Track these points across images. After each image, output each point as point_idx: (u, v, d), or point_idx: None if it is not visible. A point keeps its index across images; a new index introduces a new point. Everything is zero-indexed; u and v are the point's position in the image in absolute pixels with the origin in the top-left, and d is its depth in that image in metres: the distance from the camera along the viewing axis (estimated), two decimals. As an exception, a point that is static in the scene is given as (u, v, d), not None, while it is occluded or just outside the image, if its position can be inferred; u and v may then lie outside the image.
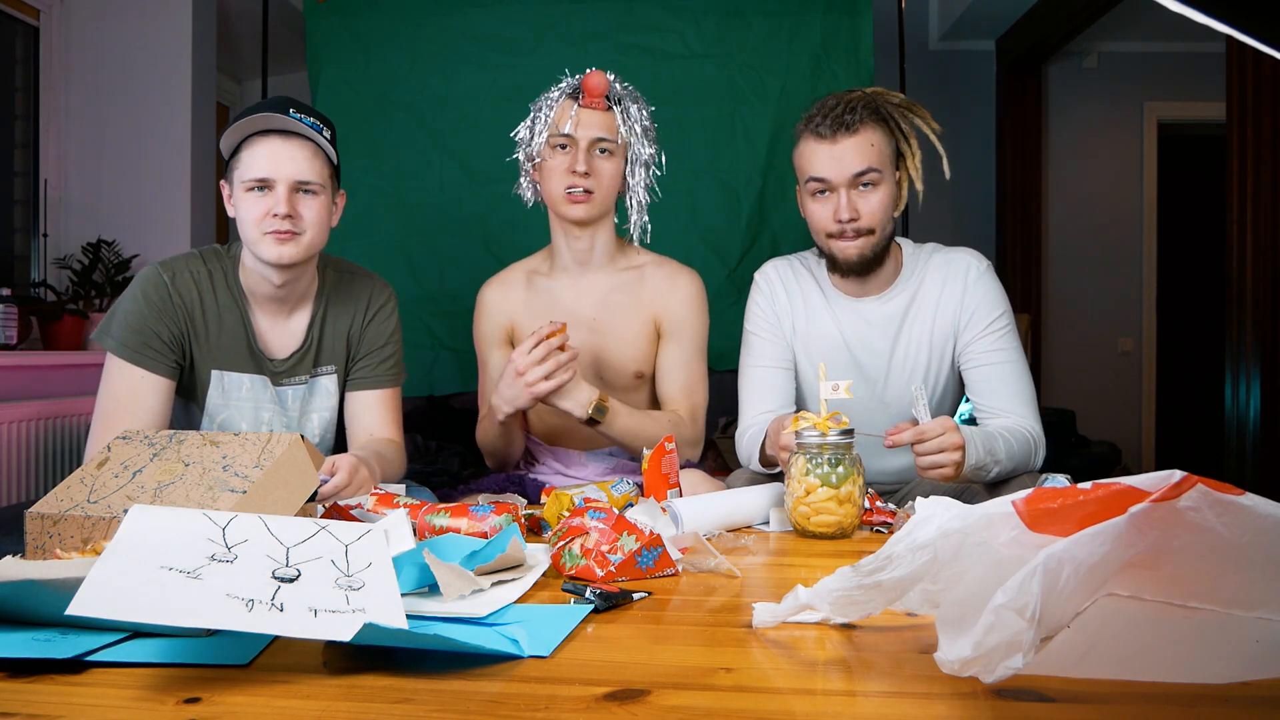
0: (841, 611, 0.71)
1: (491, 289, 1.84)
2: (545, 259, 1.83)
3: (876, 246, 1.54)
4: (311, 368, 1.59)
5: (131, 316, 1.45)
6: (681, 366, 1.76)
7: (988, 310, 1.56)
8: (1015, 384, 1.55)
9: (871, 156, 1.50)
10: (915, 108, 1.58)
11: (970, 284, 1.57)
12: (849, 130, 1.50)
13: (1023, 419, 1.52)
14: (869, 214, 1.52)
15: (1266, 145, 3.09)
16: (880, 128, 1.53)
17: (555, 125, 1.66)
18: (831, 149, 1.51)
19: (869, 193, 1.51)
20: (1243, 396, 3.15)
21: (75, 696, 0.62)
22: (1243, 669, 0.59)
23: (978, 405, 1.57)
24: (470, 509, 1.13)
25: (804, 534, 1.21)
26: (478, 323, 1.84)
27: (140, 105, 3.25)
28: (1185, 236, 5.31)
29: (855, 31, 2.94)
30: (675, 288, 1.77)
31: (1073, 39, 4.46)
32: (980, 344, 1.56)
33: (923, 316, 1.59)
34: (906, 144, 1.57)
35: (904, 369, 1.61)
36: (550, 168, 1.68)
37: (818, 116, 1.53)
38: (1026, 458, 1.49)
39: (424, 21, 2.95)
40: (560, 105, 1.67)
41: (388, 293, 1.67)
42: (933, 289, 1.59)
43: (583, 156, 1.64)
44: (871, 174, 1.50)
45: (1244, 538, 0.54)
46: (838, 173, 1.50)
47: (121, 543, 0.70)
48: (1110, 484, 0.57)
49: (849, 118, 1.50)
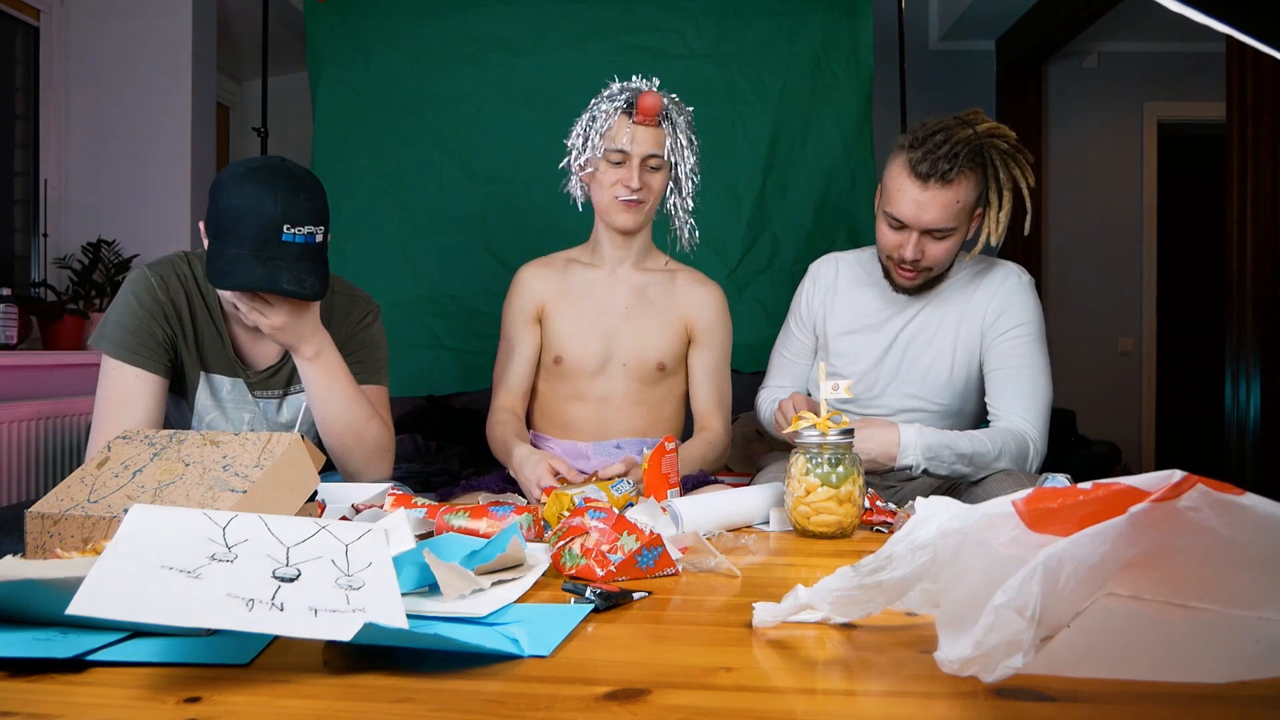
0: (841, 611, 0.71)
1: (530, 268, 1.90)
2: (586, 251, 1.90)
3: (932, 278, 1.61)
4: (285, 384, 1.57)
5: (124, 318, 1.45)
6: (713, 373, 1.88)
7: (1014, 315, 1.60)
8: (1023, 388, 1.57)
9: (953, 215, 1.51)
10: (1021, 156, 1.55)
11: (1004, 290, 1.62)
12: (943, 181, 1.49)
13: (1019, 420, 1.54)
14: (933, 258, 1.56)
15: (1266, 145, 3.09)
16: (975, 175, 1.52)
17: (611, 140, 1.74)
18: (919, 194, 1.50)
19: (940, 241, 1.54)
20: (1243, 396, 3.15)
21: (75, 696, 0.62)
22: (1243, 669, 0.59)
23: (989, 406, 1.60)
24: (490, 509, 1.14)
25: (804, 534, 1.21)
26: (509, 299, 1.88)
27: (140, 105, 3.26)
28: (1185, 236, 5.30)
29: (855, 31, 2.94)
30: (707, 297, 1.88)
31: (1073, 39, 4.46)
32: (1001, 346, 1.59)
33: (953, 315, 1.64)
34: (997, 194, 1.54)
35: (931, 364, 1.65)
36: (603, 179, 1.76)
37: (920, 150, 1.50)
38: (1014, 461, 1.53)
39: (424, 21, 2.95)
40: (616, 121, 1.74)
41: (367, 309, 1.64)
42: (967, 292, 1.65)
43: (636, 173, 1.73)
44: (947, 231, 1.53)
45: (1244, 538, 0.54)
46: (916, 220, 1.53)
47: (121, 542, 0.70)
48: (1110, 484, 0.57)
49: (947, 167, 1.48)
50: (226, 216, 1.33)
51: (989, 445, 1.50)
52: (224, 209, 1.33)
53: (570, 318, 1.82)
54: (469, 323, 2.85)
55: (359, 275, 2.09)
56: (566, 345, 1.81)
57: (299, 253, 1.34)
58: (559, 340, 1.82)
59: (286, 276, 1.32)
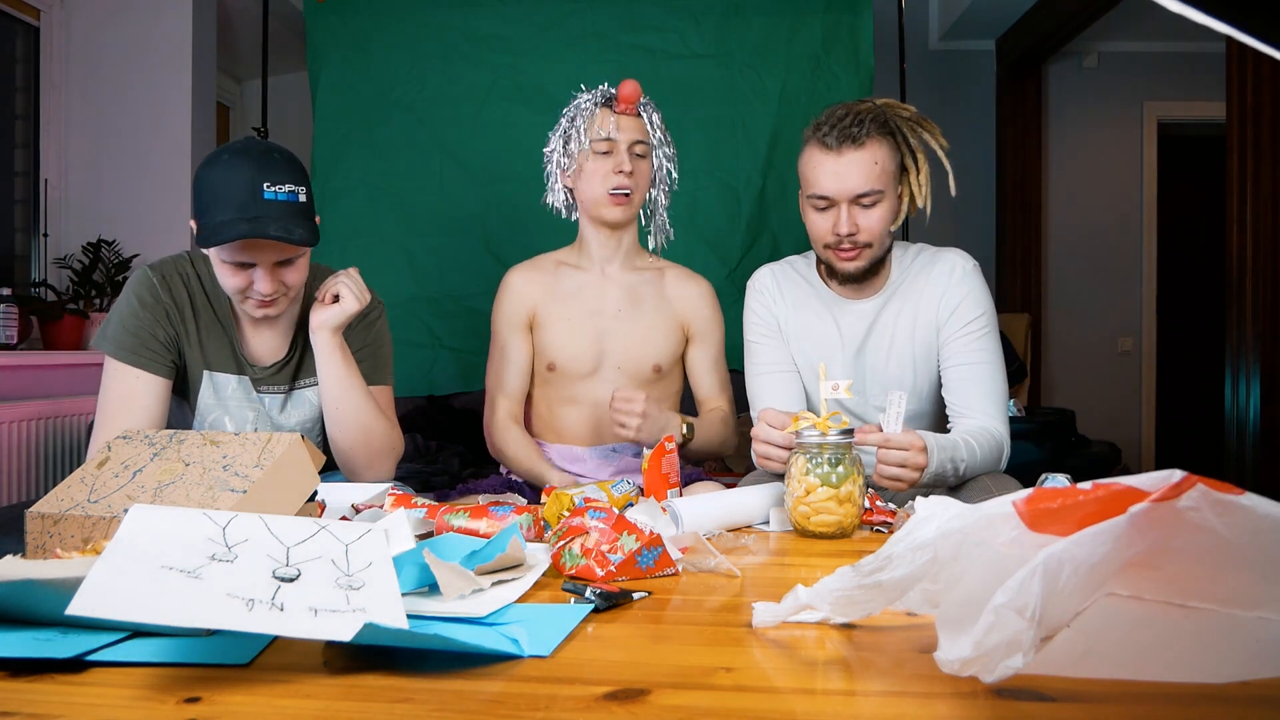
0: (841, 611, 0.71)
1: (518, 273, 1.88)
2: (573, 252, 1.89)
3: (874, 259, 1.56)
4: (292, 379, 1.58)
5: (126, 319, 1.45)
6: (713, 366, 1.89)
7: (967, 310, 1.57)
8: (987, 385, 1.55)
9: (874, 176, 1.51)
10: (925, 122, 1.58)
11: (953, 283, 1.58)
12: (854, 144, 1.50)
13: (990, 419, 1.53)
14: (868, 229, 1.53)
15: (1266, 145, 3.09)
16: (886, 141, 1.53)
17: (597, 131, 1.75)
18: (836, 163, 1.51)
19: (870, 209, 1.52)
20: (1243, 396, 3.15)
21: (75, 696, 0.62)
22: (1243, 669, 0.59)
23: (949, 404, 1.59)
24: (490, 509, 1.14)
25: (804, 534, 1.21)
26: (499, 304, 1.87)
27: (140, 105, 3.26)
28: (1185, 236, 5.30)
29: (855, 31, 2.94)
30: (698, 293, 1.88)
31: (1073, 39, 4.46)
32: (957, 343, 1.57)
33: (907, 316, 1.60)
34: (912, 159, 1.56)
35: (892, 368, 1.62)
36: (591, 171, 1.76)
37: (825, 125, 1.53)
38: (993, 461, 1.51)
39: (424, 21, 2.95)
40: (598, 113, 1.76)
41: (374, 304, 1.64)
42: (917, 288, 1.61)
43: (626, 157, 1.74)
44: (873, 195, 1.51)
45: (1244, 538, 0.54)
46: (839, 190, 1.51)
47: (121, 542, 0.70)
48: (1110, 484, 0.57)
49: (855, 130, 1.50)
50: (207, 191, 1.38)
51: (977, 451, 1.46)
52: (204, 186, 1.38)
53: (561, 321, 1.81)
54: (469, 323, 2.85)
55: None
56: (559, 351, 1.81)
57: (282, 210, 1.38)
58: (551, 346, 1.81)
59: (273, 226, 1.35)
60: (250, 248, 1.38)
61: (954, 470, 1.42)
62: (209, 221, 1.36)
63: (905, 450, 1.32)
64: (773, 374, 1.67)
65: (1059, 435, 3.56)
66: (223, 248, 1.38)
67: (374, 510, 1.21)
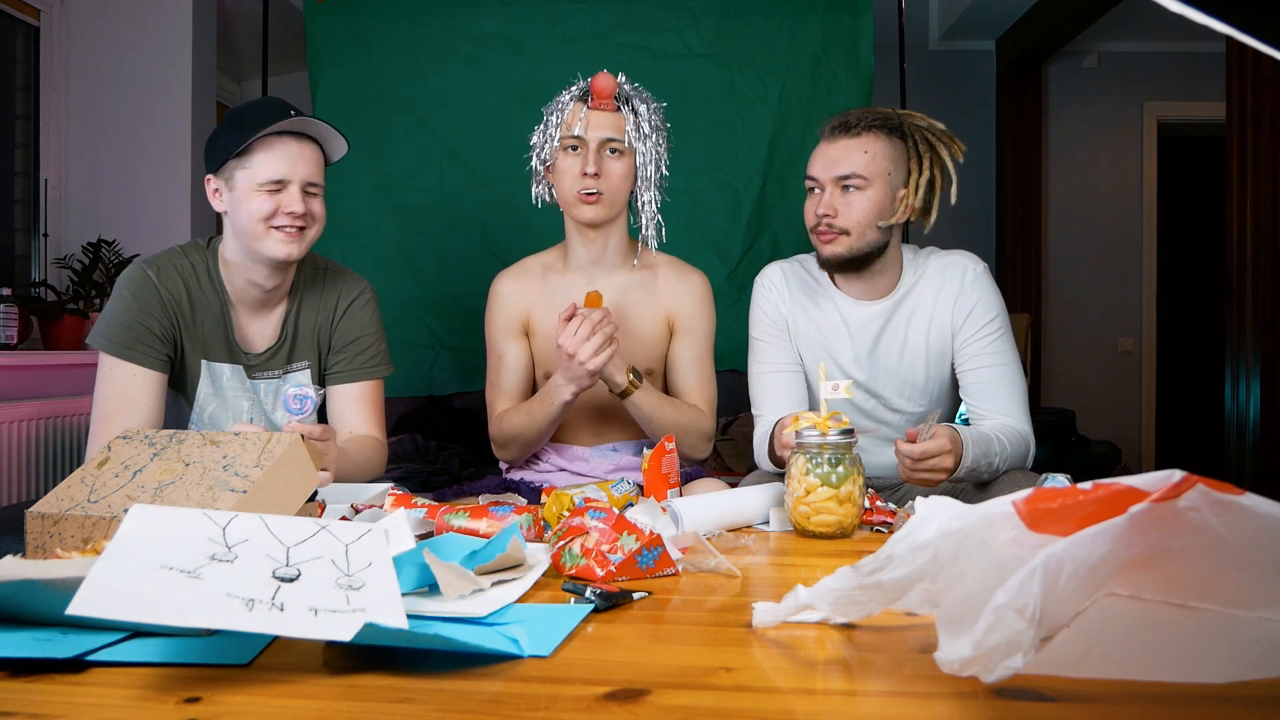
0: (841, 611, 0.71)
1: (506, 280, 1.83)
2: (559, 256, 1.83)
3: (855, 249, 1.54)
4: (285, 363, 1.61)
5: (120, 314, 1.46)
6: (695, 362, 1.78)
7: (982, 313, 1.57)
8: (1008, 388, 1.56)
9: (860, 163, 1.51)
10: (943, 135, 1.57)
11: (966, 286, 1.58)
12: (847, 133, 1.53)
13: (1015, 421, 1.54)
14: (845, 214, 1.52)
15: (1266, 145, 3.09)
16: (887, 139, 1.53)
17: (566, 127, 1.68)
18: (828, 148, 1.55)
19: (851, 195, 1.52)
20: (1243, 396, 3.15)
21: (75, 696, 0.62)
22: (1243, 669, 0.59)
23: (970, 407, 1.59)
24: (490, 509, 1.14)
25: (804, 534, 1.21)
26: (491, 313, 1.82)
27: (140, 105, 3.26)
28: (1185, 236, 5.30)
29: (855, 31, 2.94)
30: (687, 286, 1.79)
31: (1073, 39, 4.47)
32: (974, 346, 1.57)
33: (921, 319, 1.60)
34: (918, 164, 1.55)
35: (905, 370, 1.61)
36: (562, 169, 1.70)
37: (832, 119, 1.57)
38: (1020, 458, 1.52)
39: (424, 21, 2.95)
40: (571, 108, 1.69)
41: (361, 287, 1.68)
42: (930, 292, 1.60)
43: (593, 157, 1.65)
44: (856, 179, 1.51)
45: (1244, 538, 0.54)
46: (823, 171, 1.54)
47: (121, 542, 0.70)
48: (1110, 484, 0.57)
49: (853, 122, 1.53)
50: (232, 125, 1.47)
51: (1008, 447, 1.47)
52: (229, 124, 1.48)
53: (553, 329, 1.77)
54: (469, 323, 2.85)
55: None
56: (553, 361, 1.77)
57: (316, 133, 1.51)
58: (547, 356, 1.77)
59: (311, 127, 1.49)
60: (288, 161, 1.46)
61: (988, 466, 1.43)
62: (244, 138, 1.44)
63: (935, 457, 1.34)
64: (776, 373, 1.66)
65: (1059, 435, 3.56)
66: (262, 164, 1.44)
67: (374, 510, 1.21)
